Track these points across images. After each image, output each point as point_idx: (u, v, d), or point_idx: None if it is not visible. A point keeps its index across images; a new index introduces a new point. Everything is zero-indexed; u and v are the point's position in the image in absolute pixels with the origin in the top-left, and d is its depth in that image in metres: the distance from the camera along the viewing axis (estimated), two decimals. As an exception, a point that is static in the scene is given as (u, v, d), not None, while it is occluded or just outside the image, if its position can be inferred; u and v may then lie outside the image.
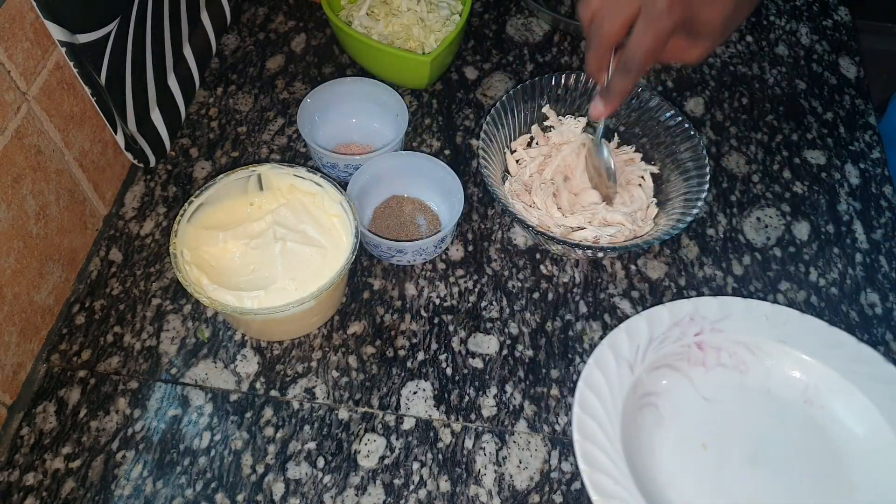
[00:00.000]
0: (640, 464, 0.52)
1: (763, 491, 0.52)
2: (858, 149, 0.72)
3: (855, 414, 0.54)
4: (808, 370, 0.56)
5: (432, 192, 0.64)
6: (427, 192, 0.65)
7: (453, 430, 0.55)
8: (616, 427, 0.52)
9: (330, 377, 0.57)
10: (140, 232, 0.64)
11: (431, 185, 0.64)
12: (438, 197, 0.64)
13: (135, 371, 0.57)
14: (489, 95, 0.74)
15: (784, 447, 0.54)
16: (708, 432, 0.55)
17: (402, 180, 0.64)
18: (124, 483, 0.52)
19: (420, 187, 0.65)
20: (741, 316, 0.57)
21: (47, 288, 0.57)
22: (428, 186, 0.64)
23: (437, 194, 0.64)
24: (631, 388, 0.54)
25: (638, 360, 0.55)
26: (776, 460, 0.53)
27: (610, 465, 0.50)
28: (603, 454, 0.51)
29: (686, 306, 0.58)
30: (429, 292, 0.61)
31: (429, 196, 0.65)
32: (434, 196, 0.64)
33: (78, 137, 0.58)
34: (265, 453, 0.54)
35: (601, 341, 0.55)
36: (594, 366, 0.54)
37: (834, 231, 0.66)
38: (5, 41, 0.48)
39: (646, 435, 0.54)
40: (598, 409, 0.53)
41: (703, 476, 0.53)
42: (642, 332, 0.56)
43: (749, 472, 0.53)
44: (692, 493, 0.52)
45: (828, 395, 0.55)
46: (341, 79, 0.67)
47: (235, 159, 0.69)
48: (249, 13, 0.80)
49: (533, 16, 0.81)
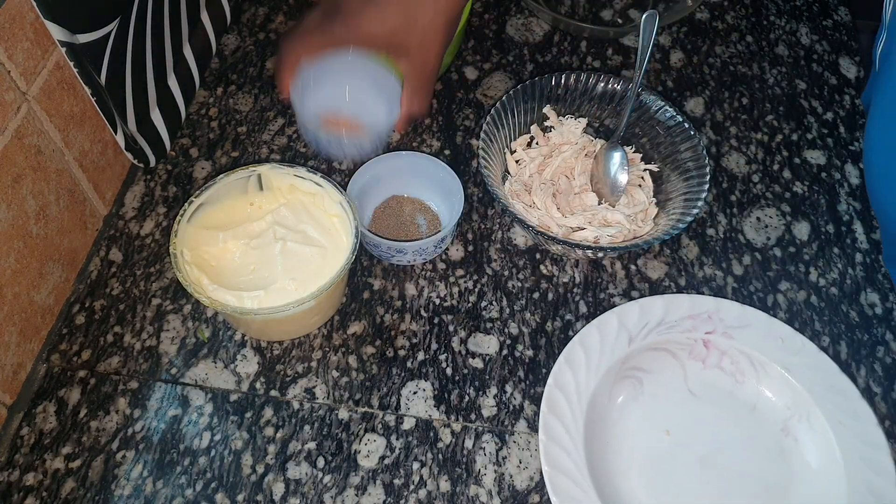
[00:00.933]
0: (600, 437, 0.53)
1: (706, 492, 0.53)
2: (858, 149, 0.71)
3: (822, 457, 0.53)
4: (799, 404, 0.55)
5: (432, 192, 0.64)
6: (427, 192, 0.65)
7: (453, 430, 0.55)
8: (583, 404, 0.53)
9: (330, 377, 0.57)
10: (140, 232, 0.64)
11: (431, 185, 0.64)
12: (438, 197, 0.64)
13: (135, 371, 0.57)
14: (489, 95, 0.74)
15: (742, 461, 0.54)
16: (677, 421, 0.55)
17: (402, 180, 0.64)
18: (124, 483, 0.52)
19: (420, 187, 0.64)
20: (758, 330, 0.57)
21: (47, 288, 0.57)
22: (428, 186, 0.64)
23: (437, 194, 0.64)
24: (622, 357, 0.55)
25: (640, 336, 0.56)
26: (729, 469, 0.54)
27: (571, 465, 0.51)
28: (565, 431, 0.52)
29: (708, 303, 0.58)
30: (429, 292, 0.61)
31: (429, 196, 0.65)
32: (434, 196, 0.64)
33: (78, 137, 0.58)
34: (265, 453, 0.54)
35: (601, 315, 0.57)
36: (586, 330, 0.56)
37: (834, 231, 0.66)
38: (5, 41, 0.48)
39: (618, 403, 0.55)
40: (571, 382, 0.54)
41: (656, 459, 0.54)
42: (656, 312, 0.57)
43: (699, 471, 0.54)
44: (641, 476, 0.53)
45: (806, 432, 0.54)
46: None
47: (235, 159, 0.69)
48: (249, 13, 0.80)
49: (533, 16, 0.81)
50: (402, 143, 0.70)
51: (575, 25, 0.78)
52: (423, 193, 0.65)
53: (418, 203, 0.65)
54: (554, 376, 0.54)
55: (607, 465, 0.53)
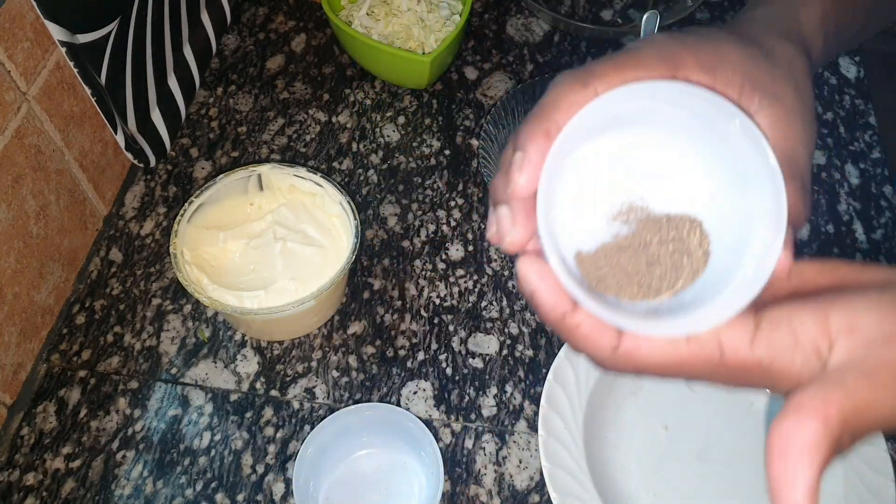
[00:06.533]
0: (599, 433, 0.53)
1: (703, 487, 0.53)
2: (858, 149, 0.71)
3: None
4: None
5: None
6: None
7: (453, 429, 0.55)
8: (583, 399, 0.53)
9: (330, 377, 0.57)
10: (140, 232, 0.64)
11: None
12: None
13: (135, 371, 0.57)
14: (489, 95, 0.74)
15: (739, 456, 0.54)
16: (675, 417, 0.56)
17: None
18: (124, 483, 0.52)
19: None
20: None
21: (47, 288, 0.57)
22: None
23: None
24: None
25: None
26: (726, 465, 0.54)
27: (571, 460, 0.51)
28: (564, 426, 0.52)
29: None
30: (429, 292, 0.61)
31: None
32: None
33: (78, 137, 0.58)
34: (265, 453, 0.54)
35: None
36: None
37: (834, 231, 0.66)
38: (5, 41, 0.48)
39: (617, 399, 0.55)
40: (571, 378, 0.54)
41: (655, 454, 0.54)
42: None
43: (696, 466, 0.54)
44: (639, 471, 0.53)
45: None
46: None
47: (235, 159, 0.69)
48: (249, 13, 0.80)
49: (533, 16, 0.81)
50: (401, 145, 0.70)
51: (575, 25, 0.78)
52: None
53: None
54: (554, 372, 0.54)
55: (606, 460, 0.53)
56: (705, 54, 0.28)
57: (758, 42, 0.30)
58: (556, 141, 0.25)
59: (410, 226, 0.65)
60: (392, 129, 0.71)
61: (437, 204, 0.66)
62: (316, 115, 0.72)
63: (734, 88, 0.28)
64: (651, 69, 0.27)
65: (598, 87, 0.26)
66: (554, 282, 0.25)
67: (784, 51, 0.31)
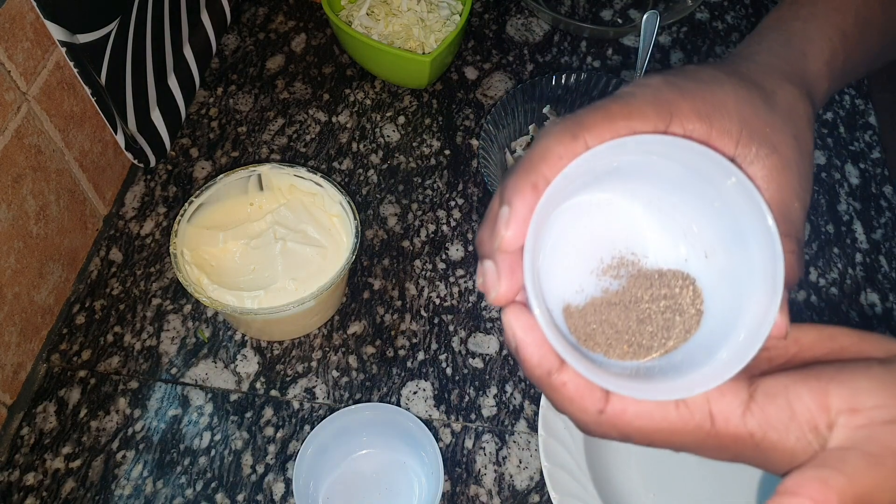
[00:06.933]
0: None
1: (703, 487, 0.53)
2: (858, 149, 0.72)
3: None
4: None
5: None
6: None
7: (453, 429, 0.55)
8: None
9: (330, 377, 0.57)
10: (140, 232, 0.64)
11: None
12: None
13: (135, 371, 0.57)
14: (489, 95, 0.74)
15: None
16: None
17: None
18: (124, 483, 0.52)
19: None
20: None
21: (47, 288, 0.57)
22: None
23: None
24: None
25: None
26: (725, 465, 0.54)
27: (570, 460, 0.51)
28: (564, 426, 0.52)
29: None
30: (429, 292, 0.61)
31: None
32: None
33: (78, 137, 0.58)
34: (265, 453, 0.54)
35: None
36: None
37: (834, 231, 0.66)
38: (5, 41, 0.48)
39: None
40: None
41: (654, 454, 0.53)
42: None
43: (696, 467, 0.54)
44: (639, 472, 0.53)
45: None
46: None
47: (235, 159, 0.69)
48: (249, 13, 0.80)
49: (533, 16, 0.81)
50: (401, 145, 0.70)
51: (575, 25, 0.78)
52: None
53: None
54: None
55: (606, 460, 0.53)
56: (702, 101, 0.27)
57: (758, 84, 0.29)
58: (543, 195, 0.24)
59: (410, 226, 0.65)
60: (392, 129, 0.71)
61: (437, 204, 0.66)
62: (316, 115, 0.72)
63: (731, 137, 0.27)
64: (644, 119, 0.26)
65: (588, 139, 0.25)
66: (540, 336, 0.24)
67: (785, 94, 0.29)
